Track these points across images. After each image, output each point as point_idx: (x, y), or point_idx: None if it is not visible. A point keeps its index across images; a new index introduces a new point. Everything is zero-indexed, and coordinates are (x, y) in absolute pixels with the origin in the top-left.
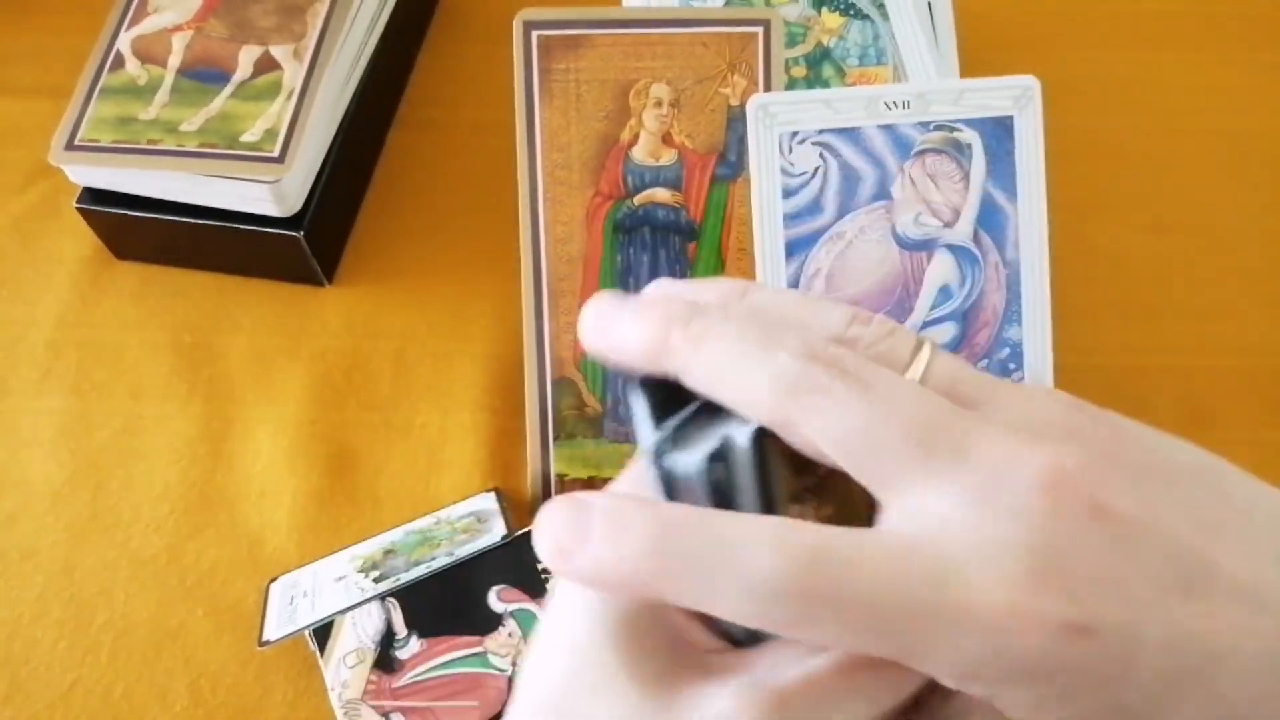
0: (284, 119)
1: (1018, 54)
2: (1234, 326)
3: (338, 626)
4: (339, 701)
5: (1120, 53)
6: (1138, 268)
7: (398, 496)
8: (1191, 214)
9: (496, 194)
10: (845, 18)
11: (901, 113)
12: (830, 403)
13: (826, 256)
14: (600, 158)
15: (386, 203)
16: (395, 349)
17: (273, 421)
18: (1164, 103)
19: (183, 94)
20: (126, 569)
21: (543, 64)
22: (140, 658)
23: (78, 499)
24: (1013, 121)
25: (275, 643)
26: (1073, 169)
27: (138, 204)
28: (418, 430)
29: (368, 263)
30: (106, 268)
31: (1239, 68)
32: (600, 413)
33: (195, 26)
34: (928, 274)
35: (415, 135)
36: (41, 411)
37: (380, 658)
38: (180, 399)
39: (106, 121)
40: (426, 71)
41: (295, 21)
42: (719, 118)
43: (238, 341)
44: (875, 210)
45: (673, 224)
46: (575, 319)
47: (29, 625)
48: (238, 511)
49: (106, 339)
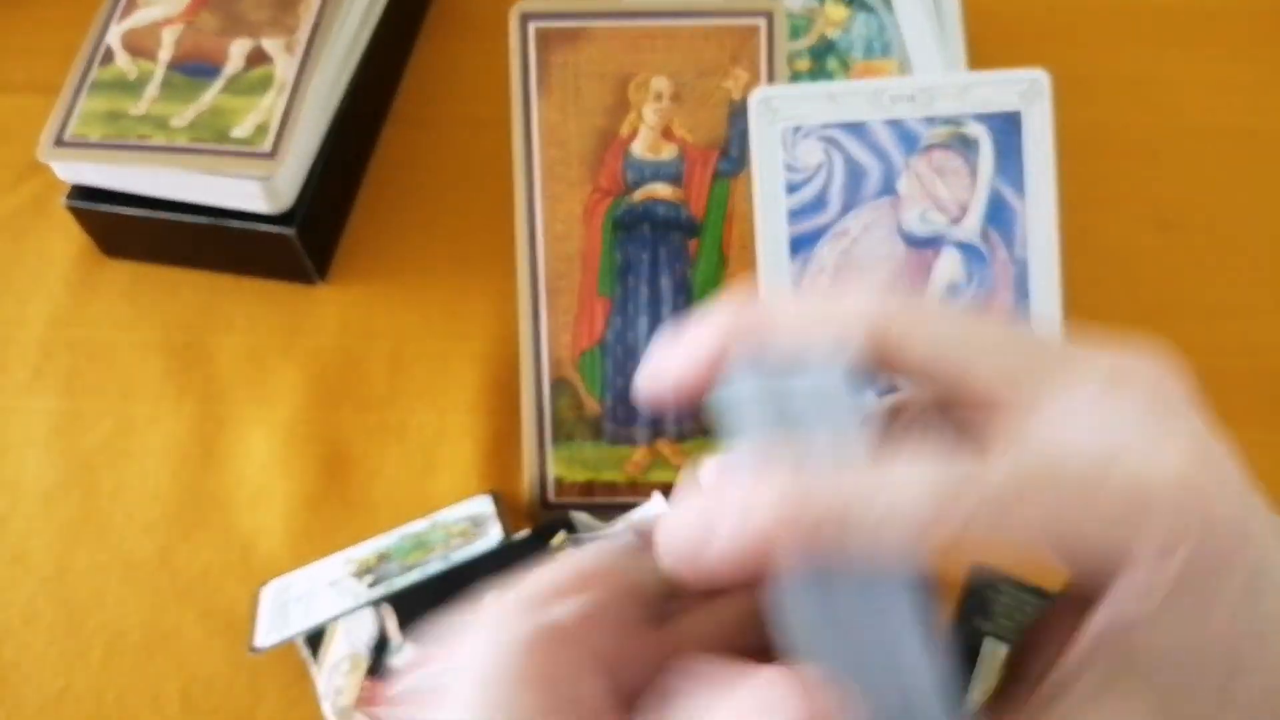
0: (276, 114)
1: (1025, 47)
2: (1243, 325)
3: (330, 633)
4: (332, 709)
5: (1129, 47)
6: (1146, 265)
7: (393, 499)
8: (1200, 212)
9: (493, 190)
10: (850, 9)
11: (907, 107)
12: (938, 313)
13: (831, 254)
14: (599, 153)
15: (381, 199)
16: (390, 348)
17: (266, 422)
18: (1174, 99)
19: (173, 88)
20: (118, 572)
21: (540, 57)
22: (132, 662)
23: (69, 500)
24: (1021, 116)
25: (267, 649)
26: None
27: (128, 201)
28: (413, 431)
29: (362, 261)
30: (97, 266)
31: (1250, 64)
32: (599, 414)
33: (186, 20)
34: (935, 271)
35: (410, 130)
36: (32, 412)
37: (374, 665)
38: (172, 399)
39: (96, 117)
40: (421, 65)
41: (287, 14)
42: (721, 112)
43: (230, 341)
44: (881, 206)
45: (673, 220)
46: (573, 317)
47: (19, 629)
48: (230, 514)
49: (97, 338)
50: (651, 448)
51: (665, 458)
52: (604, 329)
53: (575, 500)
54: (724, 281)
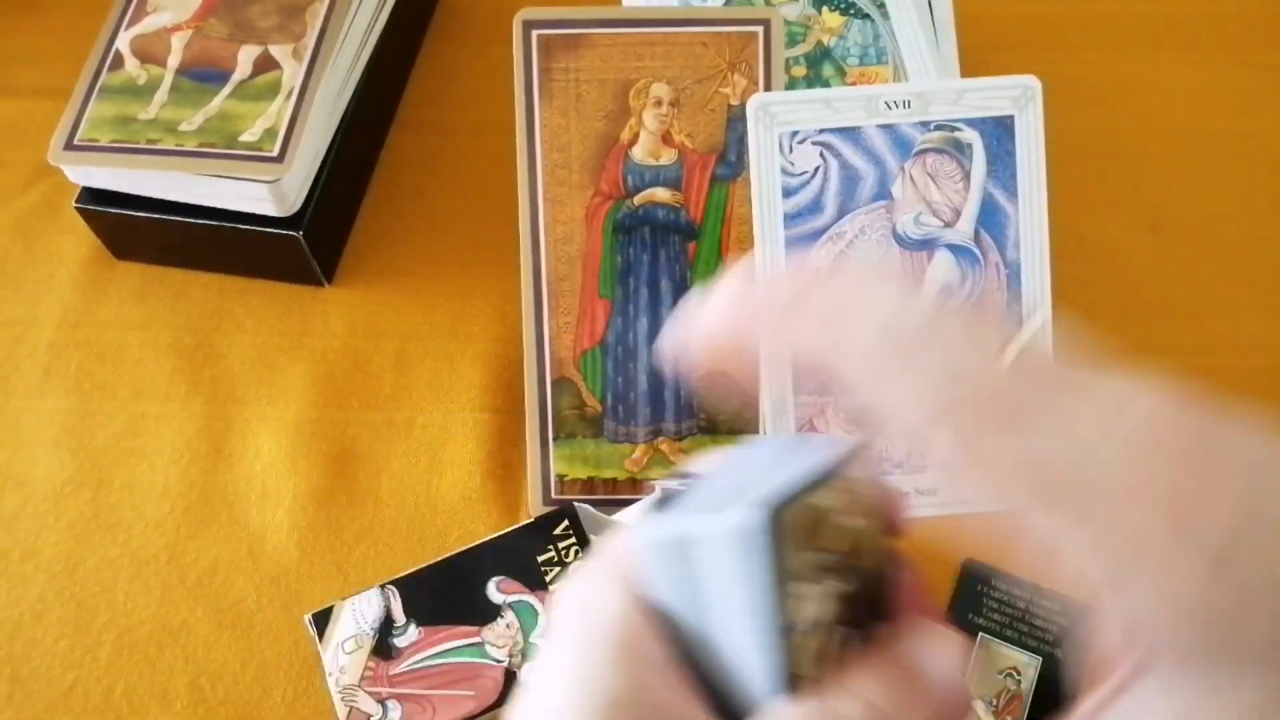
0: (283, 118)
1: (1017, 54)
2: (1233, 326)
3: (337, 612)
4: (336, 687)
5: (1119, 53)
6: (1136, 268)
7: (398, 495)
8: (1190, 214)
9: (496, 194)
10: (845, 17)
11: (902, 112)
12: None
13: (827, 256)
14: (600, 157)
15: (386, 202)
16: (395, 349)
17: (273, 421)
18: (1163, 103)
19: (182, 93)
20: (128, 568)
21: (543, 63)
22: (141, 656)
23: (79, 498)
24: (1013, 121)
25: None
26: (1070, 169)
27: (137, 204)
28: (418, 430)
29: (367, 263)
30: (108, 268)
31: (1238, 69)
32: (599, 412)
33: (194, 26)
34: (928, 274)
35: (415, 135)
36: (43, 411)
37: (378, 644)
38: (181, 399)
39: (106, 121)
40: (426, 71)
41: (295, 21)
42: (719, 117)
43: (238, 341)
44: (875, 210)
45: (673, 224)
46: (574, 318)
47: (30, 624)
48: (238, 511)
49: (108, 339)
50: (651, 445)
51: (664, 455)
52: (605, 330)
53: (577, 496)
54: None
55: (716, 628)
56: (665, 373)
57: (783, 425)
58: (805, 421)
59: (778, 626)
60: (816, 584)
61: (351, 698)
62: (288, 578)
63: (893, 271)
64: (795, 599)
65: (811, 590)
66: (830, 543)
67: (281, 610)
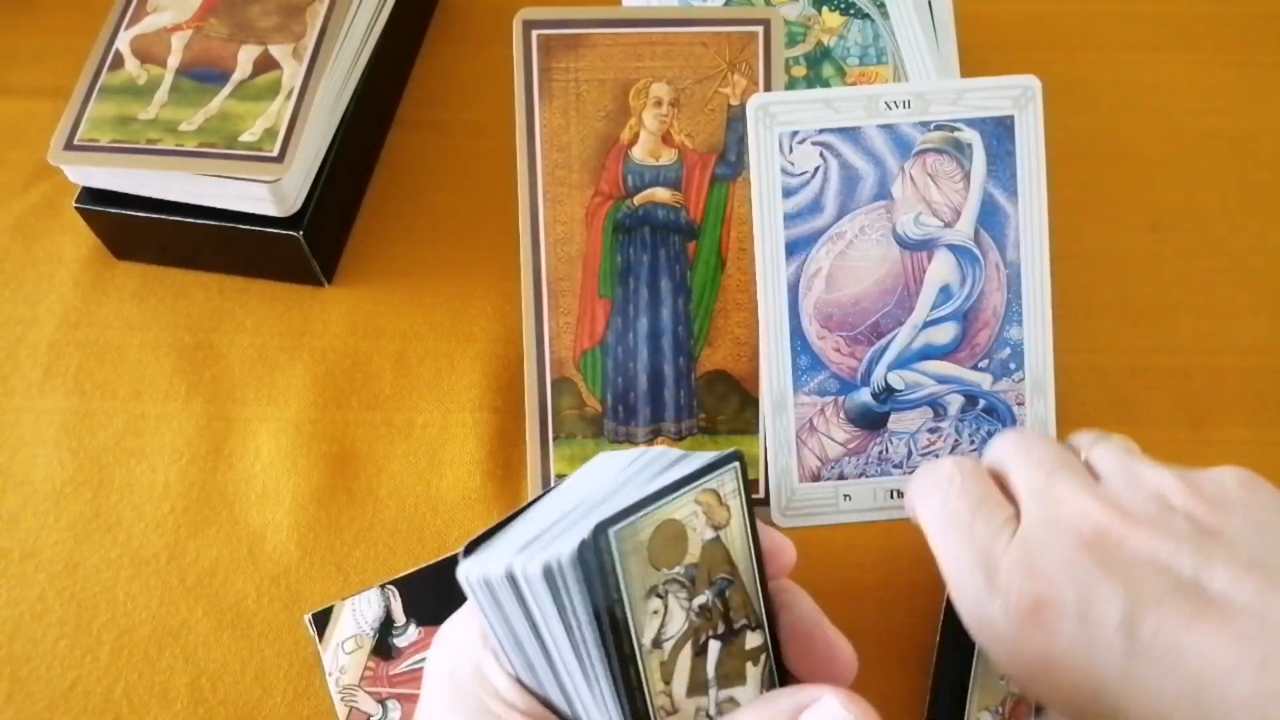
0: (283, 118)
1: (1017, 54)
2: (1233, 326)
3: (337, 612)
4: (336, 687)
5: (1119, 53)
6: (1137, 268)
7: (398, 496)
8: (1190, 214)
9: (496, 193)
10: (845, 17)
11: (902, 112)
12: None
13: (826, 256)
14: (600, 157)
15: (386, 202)
16: (396, 349)
17: (273, 421)
18: (1163, 103)
19: (182, 93)
20: (128, 568)
21: (542, 63)
22: (141, 656)
23: (79, 498)
24: (1013, 121)
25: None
26: (1070, 169)
27: (137, 204)
28: (418, 430)
29: (368, 263)
30: (108, 268)
31: (1238, 69)
32: (599, 412)
33: (194, 26)
34: (928, 274)
35: (415, 135)
36: (43, 411)
37: (378, 644)
38: (181, 399)
39: (105, 121)
40: (426, 71)
41: (295, 21)
42: (719, 117)
43: (239, 341)
44: (875, 210)
45: (673, 224)
46: (574, 318)
47: (30, 624)
48: (239, 511)
49: (108, 339)
50: (651, 446)
51: None
52: (605, 330)
53: None
54: (722, 283)
55: (563, 656)
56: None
57: (783, 425)
58: (805, 421)
59: (613, 651)
60: (660, 599)
61: (351, 698)
62: (288, 578)
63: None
64: (634, 618)
65: (655, 605)
66: (673, 558)
67: (281, 610)
